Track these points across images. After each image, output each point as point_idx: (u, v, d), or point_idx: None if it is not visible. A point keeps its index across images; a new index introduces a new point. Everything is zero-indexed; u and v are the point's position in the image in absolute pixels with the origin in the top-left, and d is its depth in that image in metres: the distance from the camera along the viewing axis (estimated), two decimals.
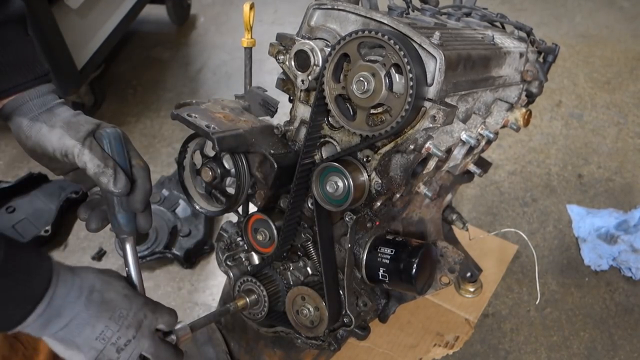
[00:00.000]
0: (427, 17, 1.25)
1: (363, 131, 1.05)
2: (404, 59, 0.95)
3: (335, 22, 1.14)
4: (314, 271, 1.38)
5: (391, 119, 1.01)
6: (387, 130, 1.01)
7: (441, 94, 1.02)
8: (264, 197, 1.31)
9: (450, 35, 1.14)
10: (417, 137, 1.08)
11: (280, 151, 1.24)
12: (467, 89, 1.15)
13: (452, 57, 1.02)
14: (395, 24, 1.02)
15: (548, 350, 1.77)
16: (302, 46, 1.11)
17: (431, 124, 1.01)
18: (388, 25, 1.03)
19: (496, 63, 1.27)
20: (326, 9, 1.14)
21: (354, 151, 1.12)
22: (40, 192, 2.21)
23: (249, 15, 1.32)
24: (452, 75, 1.05)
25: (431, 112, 1.00)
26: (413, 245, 1.25)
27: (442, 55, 0.98)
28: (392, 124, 1.00)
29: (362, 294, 1.32)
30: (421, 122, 1.02)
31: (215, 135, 1.13)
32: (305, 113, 1.21)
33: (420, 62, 0.98)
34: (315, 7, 1.15)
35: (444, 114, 1.00)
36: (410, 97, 0.96)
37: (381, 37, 0.96)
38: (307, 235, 1.32)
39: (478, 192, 2.36)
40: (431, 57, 1.00)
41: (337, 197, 1.14)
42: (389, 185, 1.14)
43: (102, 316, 0.86)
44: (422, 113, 1.02)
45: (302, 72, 1.13)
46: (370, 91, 1.00)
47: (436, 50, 0.98)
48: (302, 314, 1.32)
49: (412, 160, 1.13)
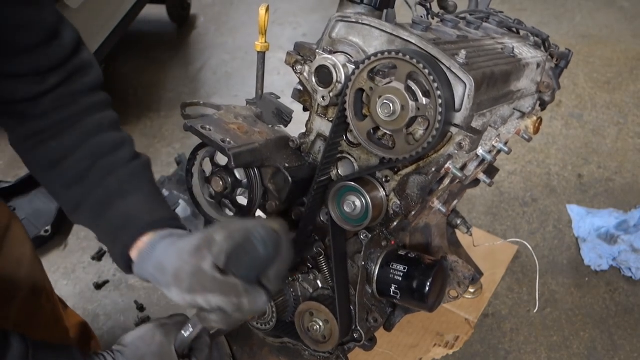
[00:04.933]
0: (449, 29, 1.20)
1: (404, 154, 1.02)
2: (433, 84, 0.92)
3: (358, 36, 1.10)
4: (324, 284, 1.36)
5: (417, 144, 0.98)
6: (412, 155, 0.99)
7: (468, 120, 0.99)
8: (276, 209, 1.27)
9: (474, 51, 1.11)
10: (440, 161, 1.06)
11: (295, 164, 1.21)
12: (489, 107, 1.12)
13: (477, 78, 1.00)
14: (424, 45, 0.99)
15: (548, 350, 1.77)
16: (324, 61, 1.08)
17: (457, 151, 1.00)
18: (415, 45, 1.00)
19: (516, 77, 1.24)
20: (349, 22, 1.10)
21: (373, 171, 1.10)
22: (40, 192, 2.20)
23: (265, 18, 1.26)
24: (477, 96, 1.02)
25: (457, 139, 0.98)
26: (426, 263, 1.23)
27: (472, 81, 0.95)
28: (417, 149, 0.98)
29: (373, 310, 1.31)
30: (446, 147, 1.00)
31: (231, 152, 1.10)
32: (322, 126, 1.19)
33: (450, 88, 0.95)
34: (339, 19, 1.11)
35: (470, 142, 0.98)
36: (439, 123, 0.93)
37: (409, 59, 0.93)
38: (318, 250, 1.30)
39: (478, 192, 2.36)
40: (460, 82, 0.97)
41: (354, 216, 1.12)
42: (407, 206, 1.12)
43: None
44: (448, 138, 1.00)
45: (323, 88, 1.10)
46: (397, 113, 0.97)
47: (466, 76, 0.96)
48: (313, 330, 1.31)
49: (430, 179, 1.11)
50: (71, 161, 0.98)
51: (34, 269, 1.27)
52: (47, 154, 0.98)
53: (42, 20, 0.91)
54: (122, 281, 2.00)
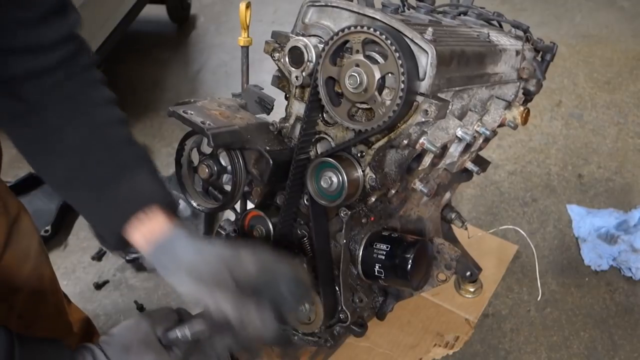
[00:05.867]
0: (422, 14, 1.25)
1: (344, 120, 1.06)
2: (395, 53, 0.96)
3: (329, 19, 1.14)
4: (310, 267, 1.37)
5: (384, 113, 1.01)
6: (379, 125, 1.02)
7: (433, 89, 1.02)
8: (260, 194, 1.31)
9: (444, 32, 1.15)
10: (411, 132, 1.08)
11: (276, 148, 1.24)
12: (462, 85, 1.15)
13: (444, 52, 1.03)
14: (388, 20, 1.03)
15: (548, 350, 1.76)
16: (296, 42, 1.12)
17: (423, 118, 1.02)
18: (380, 20, 1.04)
19: (491, 60, 1.27)
20: (320, 6, 1.15)
21: (348, 146, 1.13)
22: (40, 192, 2.22)
23: (245, 14, 1.33)
24: (446, 71, 1.05)
25: (423, 107, 1.01)
26: (408, 241, 1.26)
27: (433, 49, 0.99)
28: (384, 118, 1.01)
29: (358, 290, 1.33)
30: (414, 116, 1.03)
31: (210, 131, 1.14)
32: (301, 110, 1.22)
33: (412, 57, 0.99)
34: (310, 4, 1.16)
35: (436, 108, 1.00)
36: (402, 91, 0.97)
37: (373, 32, 0.97)
38: (302, 232, 1.32)
39: (478, 192, 2.36)
40: (423, 52, 1.00)
41: (331, 192, 1.14)
42: (384, 180, 1.14)
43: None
44: (415, 108, 1.02)
45: (296, 68, 1.14)
46: (364, 82, 1.01)
47: (428, 45, 0.99)
48: (299, 310, 1.32)
49: (406, 155, 1.14)
50: (70, 130, 0.94)
51: (41, 261, 1.28)
52: (44, 124, 0.94)
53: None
54: (122, 281, 2.00)
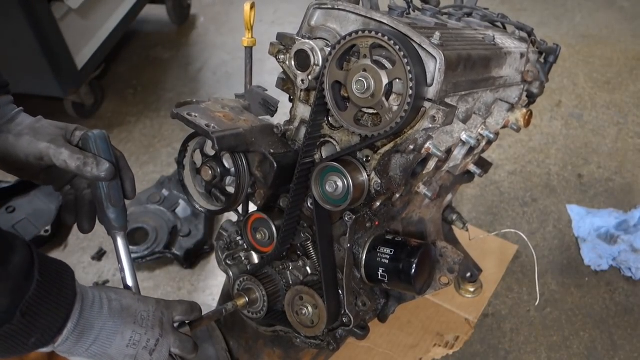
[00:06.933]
0: (428, 17, 1.24)
1: (350, 125, 1.05)
2: (403, 59, 0.95)
3: (335, 22, 1.14)
4: (314, 271, 1.38)
5: (391, 119, 1.00)
6: (386, 131, 1.01)
7: (441, 95, 1.02)
8: (264, 197, 1.31)
9: (451, 36, 1.14)
10: (417, 137, 1.08)
11: (280, 151, 1.24)
12: (468, 89, 1.15)
13: (452, 57, 1.02)
14: (395, 24, 1.02)
15: (548, 350, 1.77)
16: (302, 46, 1.11)
17: (431, 125, 1.01)
18: (388, 25, 1.03)
19: (497, 63, 1.26)
20: (326, 8, 1.14)
21: (354, 151, 1.12)
22: (40, 192, 2.22)
23: (250, 14, 1.33)
24: (452, 76, 1.05)
25: (431, 113, 1.00)
26: (412, 245, 1.25)
27: (442, 55, 0.98)
28: (391, 124, 1.00)
29: (362, 293, 1.32)
30: (421, 122, 1.02)
31: (214, 135, 1.13)
32: (305, 113, 1.21)
33: (420, 62, 0.98)
34: (316, 6, 1.15)
35: (443, 114, 0.99)
36: (410, 97, 0.96)
37: (381, 37, 0.96)
38: (306, 235, 1.32)
39: (478, 192, 2.36)
40: (431, 58, 0.99)
41: (336, 196, 1.14)
42: (389, 185, 1.14)
43: (127, 322, 0.87)
44: (422, 113, 1.02)
45: (302, 71, 1.13)
46: (371, 87, 1.00)
47: (436, 51, 0.98)
48: (302, 314, 1.32)
49: (411, 160, 1.13)
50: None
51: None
52: None
53: None
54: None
